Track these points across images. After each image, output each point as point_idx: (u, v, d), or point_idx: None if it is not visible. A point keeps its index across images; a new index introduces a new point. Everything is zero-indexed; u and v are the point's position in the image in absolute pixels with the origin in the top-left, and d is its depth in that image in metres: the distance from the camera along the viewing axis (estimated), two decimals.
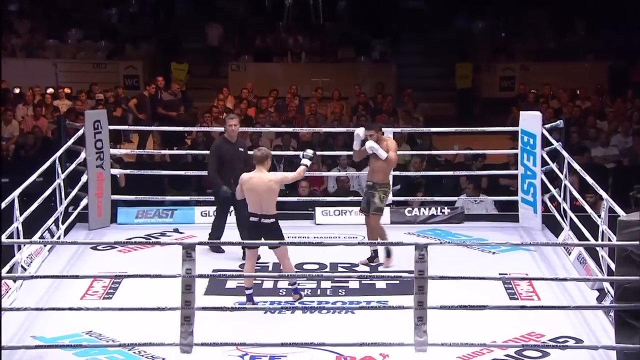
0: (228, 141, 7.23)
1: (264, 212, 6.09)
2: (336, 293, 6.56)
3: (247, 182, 6.13)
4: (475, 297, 5.86)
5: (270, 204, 6.11)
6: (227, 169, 7.13)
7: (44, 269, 6.95)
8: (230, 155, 7.15)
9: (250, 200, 6.12)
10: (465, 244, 7.47)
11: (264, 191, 6.07)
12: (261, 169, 6.15)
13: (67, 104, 12.63)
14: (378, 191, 6.95)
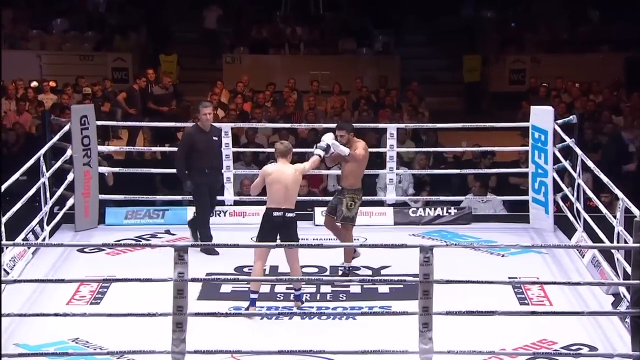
0: (202, 130, 7.33)
1: (287, 206, 6.17)
2: (336, 298, 6.57)
3: (271, 174, 6.21)
4: (484, 302, 5.87)
5: (294, 196, 6.24)
6: (201, 159, 7.27)
7: (27, 273, 6.95)
8: (204, 145, 7.27)
9: (274, 192, 6.17)
10: (472, 246, 7.47)
11: (290, 182, 6.18)
12: (284, 162, 6.26)
13: (52, 98, 12.63)
14: (346, 197, 6.80)
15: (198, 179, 7.32)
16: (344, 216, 6.81)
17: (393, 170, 8.63)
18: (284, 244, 6.10)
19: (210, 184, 7.41)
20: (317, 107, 12.40)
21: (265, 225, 6.21)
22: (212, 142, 7.35)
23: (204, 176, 7.30)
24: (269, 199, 6.23)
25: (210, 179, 7.38)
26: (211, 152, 7.34)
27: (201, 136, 7.31)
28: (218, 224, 8.26)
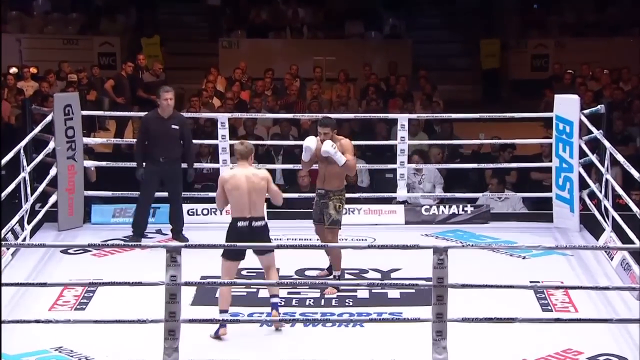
0: (159, 116, 7.49)
1: (254, 214, 6.01)
2: (343, 303, 6.57)
3: (228, 180, 6.03)
4: (503, 308, 5.86)
5: (261, 203, 6.07)
6: (156, 146, 7.46)
7: (6, 276, 6.95)
8: (160, 132, 7.44)
9: (236, 200, 6.00)
10: (491, 247, 7.48)
11: (253, 188, 6.01)
12: (245, 165, 6.10)
13: (33, 86, 12.64)
14: (332, 200, 6.72)
15: (149, 167, 7.53)
16: (333, 219, 6.74)
17: (404, 164, 8.63)
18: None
19: (163, 175, 7.54)
20: (321, 95, 12.39)
21: (231, 237, 6.00)
22: (169, 129, 7.44)
23: (157, 165, 7.48)
24: (232, 208, 6.03)
25: (163, 169, 7.51)
26: (168, 141, 7.46)
27: (157, 122, 7.48)
28: (212, 223, 8.28)
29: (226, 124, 8.60)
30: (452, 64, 15.32)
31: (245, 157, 6.12)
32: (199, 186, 9.78)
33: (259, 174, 6.10)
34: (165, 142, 7.45)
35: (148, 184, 7.62)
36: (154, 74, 12.46)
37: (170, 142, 7.48)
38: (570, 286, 6.64)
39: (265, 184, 6.07)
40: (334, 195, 6.75)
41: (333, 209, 6.74)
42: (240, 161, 6.14)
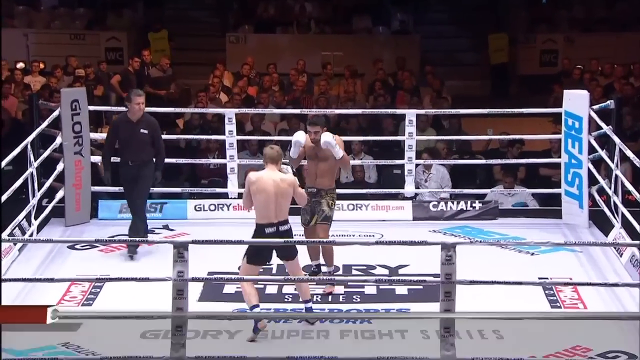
0: (128, 120, 7.42)
1: (280, 219, 6.00)
2: (350, 299, 6.57)
3: (255, 182, 6.01)
4: (512, 304, 5.86)
5: (286, 206, 6.05)
6: (125, 150, 7.41)
7: (14, 271, 6.97)
8: (128, 136, 7.37)
9: (262, 204, 5.97)
10: (499, 243, 7.46)
11: (279, 191, 5.99)
12: (273, 169, 6.07)
13: (40, 81, 12.64)
14: (325, 197, 6.67)
15: (121, 171, 7.46)
16: (326, 215, 6.67)
17: (412, 160, 8.62)
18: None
19: (134, 176, 7.38)
20: (328, 91, 12.37)
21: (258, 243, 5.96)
22: (138, 134, 7.36)
23: (126, 169, 7.39)
24: (257, 213, 6.00)
25: (134, 171, 7.37)
26: (137, 145, 7.36)
27: (127, 126, 7.40)
28: (221, 219, 8.29)
29: (233, 119, 8.60)
30: (460, 59, 15.28)
31: (275, 161, 6.09)
32: (206, 182, 9.79)
33: (287, 179, 6.06)
34: (134, 146, 7.36)
35: (124, 188, 7.54)
36: (161, 69, 12.46)
37: (139, 146, 7.37)
38: (579, 282, 6.62)
39: (292, 190, 6.06)
40: (326, 193, 6.69)
41: (326, 206, 6.67)
42: (269, 165, 6.09)
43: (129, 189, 7.45)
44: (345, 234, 7.97)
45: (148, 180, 7.48)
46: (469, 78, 14.67)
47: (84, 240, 7.37)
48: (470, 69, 15.05)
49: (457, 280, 5.28)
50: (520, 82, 14.77)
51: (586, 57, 13.70)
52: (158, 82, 12.33)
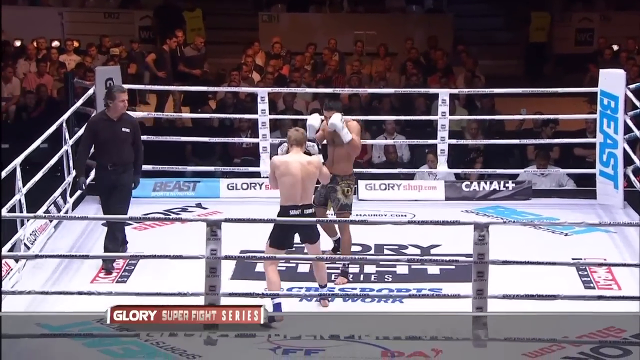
0: (108, 118, 6.75)
1: (305, 202, 5.95)
2: (382, 279, 6.57)
3: (280, 167, 5.95)
4: (545, 285, 5.83)
5: (312, 190, 6.01)
6: (105, 151, 6.73)
7: (49, 248, 7.05)
8: (108, 135, 6.71)
9: (287, 187, 5.91)
10: (532, 223, 7.42)
11: (305, 175, 5.94)
12: (298, 152, 6.01)
13: (75, 59, 12.73)
14: (340, 184, 6.52)
15: (98, 175, 6.84)
16: (342, 204, 6.52)
17: (445, 140, 8.57)
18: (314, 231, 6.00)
19: (113, 183, 6.72)
20: (361, 70, 12.33)
21: (281, 226, 5.93)
22: (120, 133, 6.71)
23: (106, 173, 6.72)
24: (282, 195, 5.94)
25: (113, 177, 6.71)
26: (118, 146, 6.71)
27: (106, 125, 6.72)
28: (253, 198, 8.31)
29: (266, 98, 8.59)
30: (494, 38, 15.12)
31: (300, 143, 6.02)
32: (238, 160, 9.82)
33: (313, 161, 6.00)
34: (115, 147, 6.69)
35: (101, 195, 6.83)
36: (195, 48, 12.46)
37: (120, 147, 6.71)
38: (614, 263, 6.57)
39: (319, 172, 6.02)
40: (342, 180, 6.53)
41: (341, 194, 6.52)
42: (294, 147, 6.02)
43: (107, 195, 6.74)
44: (377, 214, 7.96)
45: (129, 187, 6.85)
46: (502, 57, 14.52)
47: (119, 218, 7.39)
48: (504, 48, 14.90)
49: (490, 260, 5.25)
50: (555, 62, 14.60)
51: (622, 35, 13.51)
52: (192, 61, 12.34)
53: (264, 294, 5.86)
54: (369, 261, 6.78)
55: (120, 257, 6.67)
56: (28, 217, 6.67)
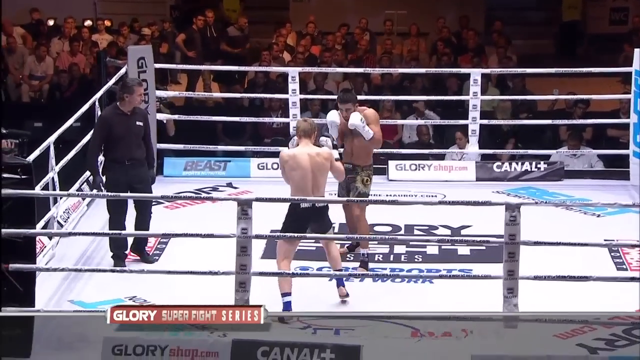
0: (122, 112, 6.46)
1: (316, 195, 5.77)
2: (412, 259, 6.56)
3: (288, 161, 5.78)
4: (576, 266, 5.79)
5: (324, 183, 5.84)
6: (120, 148, 6.43)
7: (82, 225, 7.12)
8: (124, 131, 6.43)
9: (298, 181, 5.76)
10: (564, 204, 7.36)
11: (315, 167, 5.77)
12: (307, 143, 5.83)
13: (107, 39, 12.78)
14: (360, 174, 6.42)
15: (114, 173, 6.47)
16: (360, 192, 6.42)
17: (476, 120, 8.51)
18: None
19: (130, 180, 6.44)
20: (392, 50, 12.26)
21: (292, 217, 5.76)
22: (134, 127, 6.46)
23: (122, 170, 6.42)
24: (293, 189, 5.76)
25: (130, 174, 6.43)
26: (133, 140, 6.46)
27: (120, 119, 6.43)
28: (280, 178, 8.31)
29: (296, 78, 8.58)
30: (526, 17, 14.95)
31: (309, 134, 5.83)
32: (269, 140, 9.83)
33: (322, 153, 5.83)
34: (130, 142, 6.44)
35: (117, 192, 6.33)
36: (239, 28, 12.45)
37: (135, 141, 6.46)
38: None
39: (329, 163, 5.84)
40: (362, 170, 6.44)
41: (360, 182, 6.43)
42: (303, 139, 5.83)
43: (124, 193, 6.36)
44: (407, 194, 7.94)
45: (149, 183, 6.60)
46: (535, 37, 14.37)
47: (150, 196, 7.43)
48: (536, 28, 14.73)
49: (521, 241, 5.22)
50: (588, 41, 14.42)
51: None
52: (236, 41, 12.34)
53: (295, 273, 5.88)
54: (399, 241, 6.77)
55: (151, 236, 6.71)
56: (61, 194, 6.73)
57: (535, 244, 5.37)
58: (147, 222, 6.54)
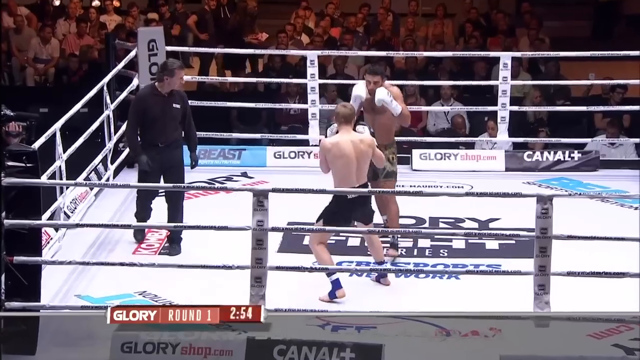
0: (158, 93, 6.58)
1: (360, 182, 5.88)
2: (437, 254, 6.57)
3: (331, 149, 5.85)
4: (612, 262, 5.78)
5: (365, 170, 5.94)
6: (153, 130, 6.58)
7: (90, 217, 7.16)
8: (159, 112, 6.57)
9: (341, 169, 5.84)
10: (600, 196, 7.34)
11: (359, 155, 5.86)
12: (348, 129, 5.89)
13: (116, 20, 12.80)
14: (385, 153, 6.35)
15: (146, 155, 6.61)
16: (388, 171, 6.43)
17: (506, 106, 8.48)
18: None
19: (163, 162, 6.61)
20: (416, 32, 12.23)
21: (338, 206, 5.87)
22: (171, 110, 6.59)
23: (156, 152, 6.57)
24: (336, 178, 5.86)
25: (163, 156, 6.60)
26: (168, 123, 6.59)
27: (157, 100, 6.56)
28: (301, 167, 8.33)
29: (315, 61, 8.58)
30: None
31: (349, 120, 5.89)
32: (286, 127, 9.83)
33: (366, 140, 5.91)
34: (165, 124, 6.57)
35: (146, 176, 6.60)
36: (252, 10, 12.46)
37: (171, 124, 6.60)
38: None
39: (372, 151, 5.93)
40: (385, 148, 6.41)
41: (387, 161, 6.41)
42: (344, 125, 5.88)
43: (152, 176, 6.59)
44: (432, 185, 7.93)
45: (183, 167, 6.76)
46: (569, 18, 14.28)
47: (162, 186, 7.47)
48: (571, 8, 14.63)
49: (554, 235, 5.20)
50: (626, 22, 14.32)
51: None
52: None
53: (313, 268, 5.89)
54: (423, 235, 6.78)
55: (163, 228, 6.75)
56: (68, 184, 6.77)
57: (569, 238, 5.35)
58: (179, 212, 6.62)
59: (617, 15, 14.40)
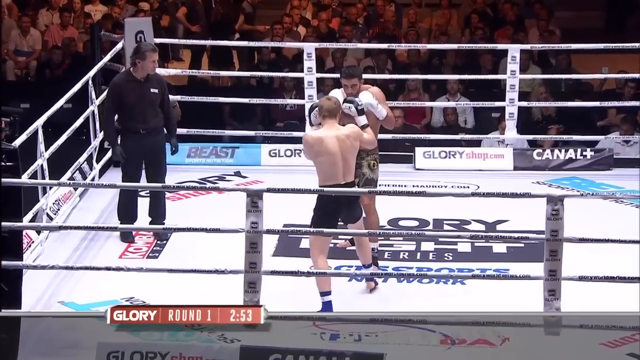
0: (134, 79, 6.74)
1: (347, 179, 5.83)
2: (441, 258, 6.57)
3: (314, 145, 5.78)
4: (626, 266, 5.79)
5: (352, 166, 5.88)
6: (132, 115, 6.73)
7: (74, 218, 7.16)
8: (135, 98, 6.71)
9: (326, 167, 5.77)
10: (614, 196, 7.35)
11: (345, 150, 5.79)
12: (333, 124, 5.82)
13: (102, 10, 12.80)
14: (366, 159, 6.32)
15: (128, 143, 6.76)
16: (367, 178, 6.36)
17: (514, 102, 8.49)
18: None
19: (144, 149, 6.77)
20: (419, 23, 12.25)
21: (324, 207, 5.80)
22: (148, 94, 6.73)
23: (137, 139, 6.72)
24: (321, 175, 5.80)
25: (146, 142, 6.75)
26: (147, 108, 6.73)
27: (133, 86, 6.71)
28: (298, 166, 8.33)
29: (313, 54, 8.58)
30: None
31: (334, 114, 5.83)
32: (281, 124, 9.84)
33: (350, 134, 5.83)
34: (144, 110, 6.72)
35: (129, 164, 6.80)
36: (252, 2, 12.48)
37: (149, 109, 6.74)
38: None
39: (359, 143, 5.87)
40: (367, 154, 6.35)
41: (367, 167, 6.36)
42: (328, 120, 5.81)
43: (137, 164, 6.80)
44: (436, 185, 7.94)
45: (165, 154, 6.94)
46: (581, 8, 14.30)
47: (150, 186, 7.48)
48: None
49: (565, 237, 5.22)
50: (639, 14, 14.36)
51: None
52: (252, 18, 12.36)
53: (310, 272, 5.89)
54: (427, 237, 6.78)
55: (150, 230, 6.75)
56: (51, 184, 6.77)
57: (581, 241, 5.36)
58: (161, 203, 6.83)
59: (632, 5, 14.42)
